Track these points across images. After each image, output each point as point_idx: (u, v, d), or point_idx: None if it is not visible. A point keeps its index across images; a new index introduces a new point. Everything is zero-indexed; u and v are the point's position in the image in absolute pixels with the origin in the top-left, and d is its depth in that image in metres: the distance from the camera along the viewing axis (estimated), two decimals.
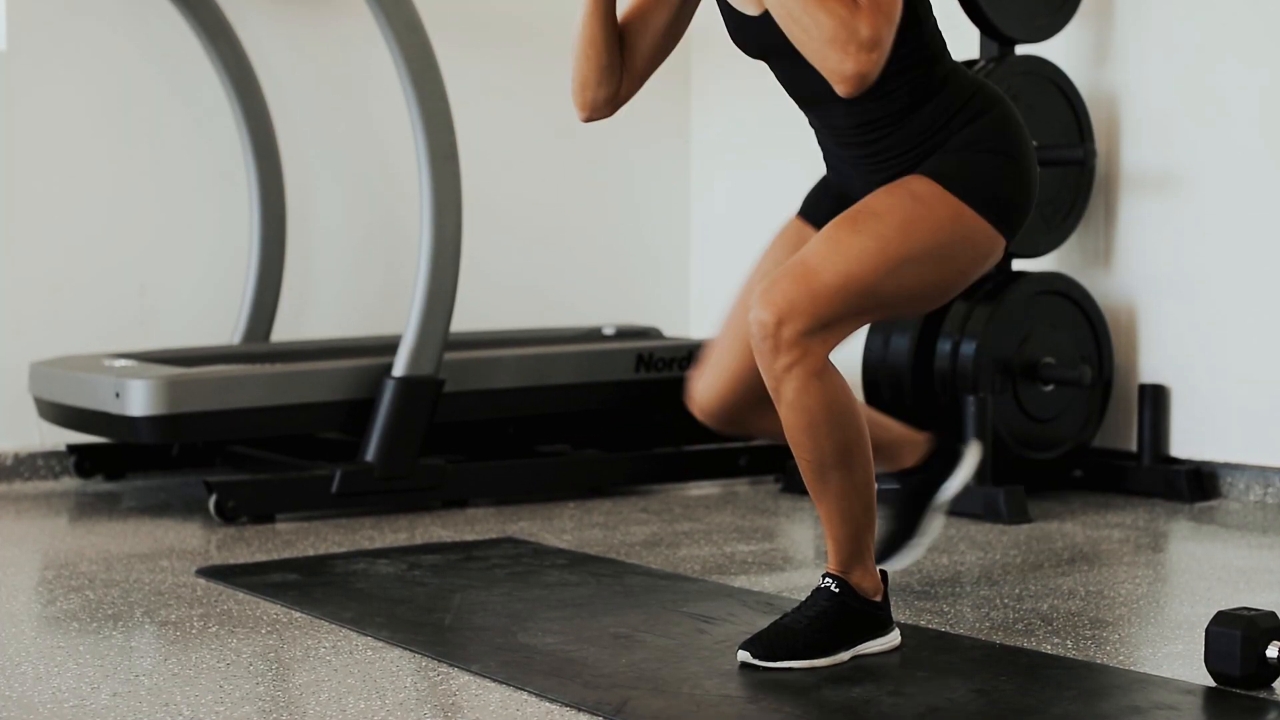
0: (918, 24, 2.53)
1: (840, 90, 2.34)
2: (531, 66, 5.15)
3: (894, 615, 2.83)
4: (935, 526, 2.96)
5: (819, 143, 2.69)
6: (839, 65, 2.32)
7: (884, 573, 2.61)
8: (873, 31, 2.31)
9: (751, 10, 2.55)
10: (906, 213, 2.47)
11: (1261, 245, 4.04)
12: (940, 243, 2.48)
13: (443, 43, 4.36)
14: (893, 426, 2.95)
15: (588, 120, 2.68)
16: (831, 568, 2.55)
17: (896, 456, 2.94)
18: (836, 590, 2.53)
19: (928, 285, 2.51)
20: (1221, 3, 4.11)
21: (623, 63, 2.63)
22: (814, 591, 2.55)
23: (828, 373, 2.42)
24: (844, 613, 2.52)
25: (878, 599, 2.57)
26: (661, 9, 2.65)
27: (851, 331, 2.47)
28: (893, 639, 2.58)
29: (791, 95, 2.63)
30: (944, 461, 2.97)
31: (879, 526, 2.71)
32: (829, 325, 2.40)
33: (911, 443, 2.96)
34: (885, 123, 2.54)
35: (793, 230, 2.73)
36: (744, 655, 2.47)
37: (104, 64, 4.57)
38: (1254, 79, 4.05)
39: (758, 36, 2.55)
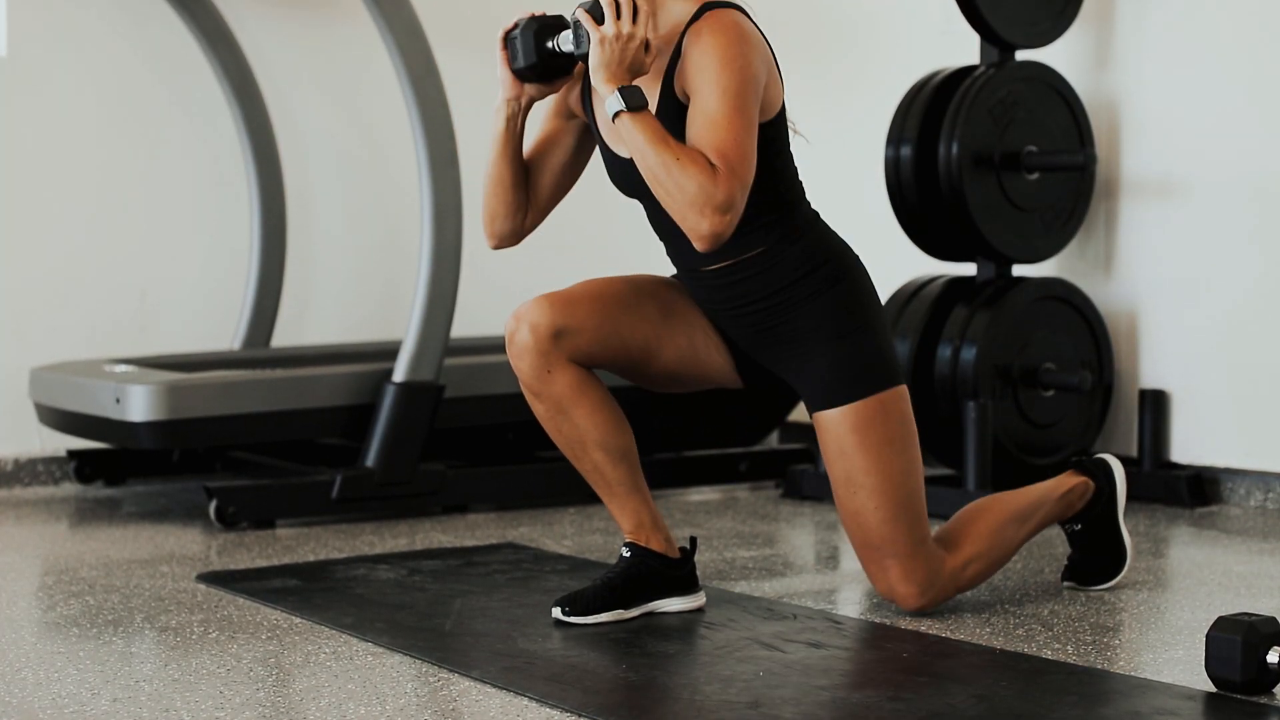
0: (773, 175, 2.70)
1: (698, 247, 2.55)
2: None
3: (896, 620, 2.83)
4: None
5: (688, 287, 2.87)
6: (696, 225, 2.53)
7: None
8: (727, 196, 2.51)
9: (625, 153, 2.73)
10: (876, 446, 2.75)
11: (1262, 250, 4.04)
12: (903, 432, 2.77)
13: (443, 48, 4.36)
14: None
15: (496, 248, 2.95)
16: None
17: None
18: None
19: (918, 457, 2.81)
20: (1221, 8, 4.12)
21: (528, 197, 2.88)
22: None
23: (936, 566, 2.82)
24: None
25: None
26: (558, 149, 2.89)
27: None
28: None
29: (656, 230, 2.83)
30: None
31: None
32: (928, 540, 2.80)
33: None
34: (742, 267, 2.75)
35: (671, 280, 2.90)
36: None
37: (105, 69, 4.58)
38: (1254, 84, 4.05)
39: (631, 178, 2.73)
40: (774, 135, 2.68)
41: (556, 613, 2.78)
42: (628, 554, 2.85)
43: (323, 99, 4.90)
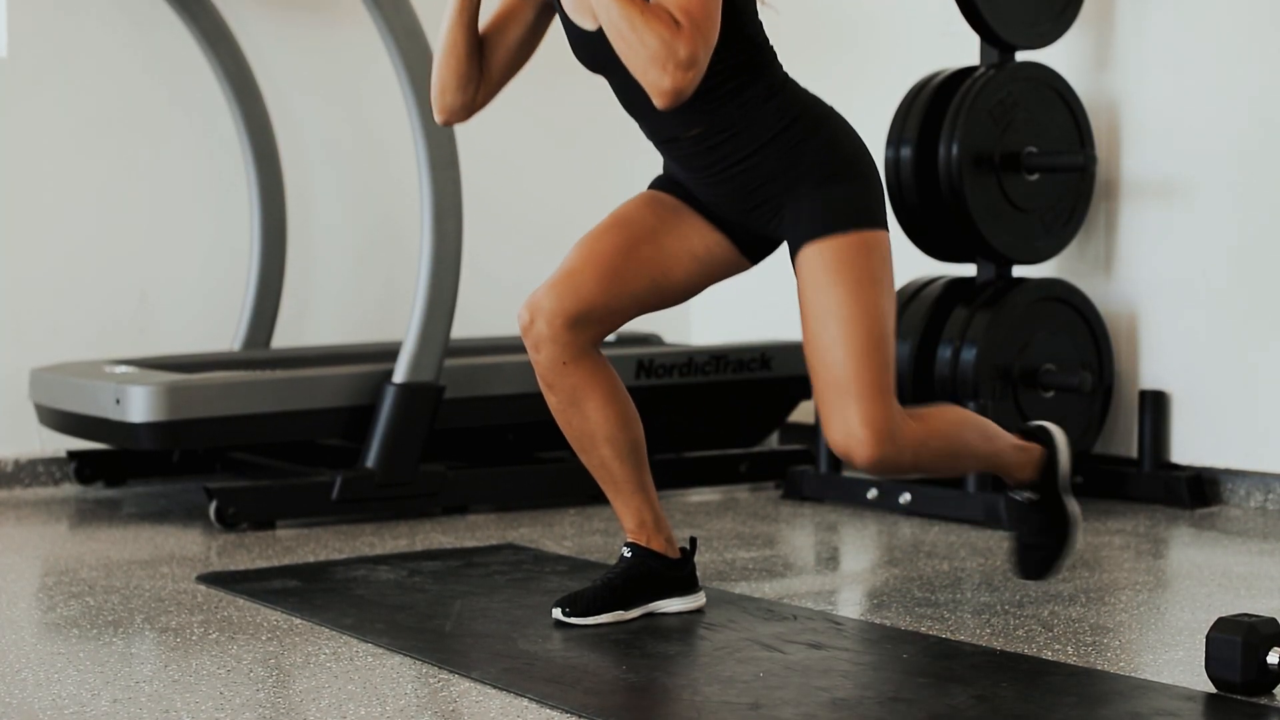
0: (741, 39, 2.68)
1: (657, 103, 2.52)
2: (531, 73, 5.13)
3: (896, 620, 2.83)
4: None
5: (665, 161, 2.86)
6: (658, 80, 2.49)
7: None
8: (689, 52, 2.48)
9: (589, 25, 2.71)
10: (867, 278, 2.68)
11: (1262, 251, 4.04)
12: (884, 274, 2.71)
13: None
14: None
15: (445, 124, 2.88)
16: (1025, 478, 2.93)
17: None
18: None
19: (892, 308, 2.73)
20: (1221, 9, 4.12)
21: (480, 71, 2.83)
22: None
23: (899, 432, 2.68)
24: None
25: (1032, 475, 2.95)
26: (515, 24, 2.85)
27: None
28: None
29: (626, 107, 2.81)
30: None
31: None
32: (895, 403, 2.67)
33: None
34: (715, 132, 2.72)
35: (647, 198, 2.87)
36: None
37: (105, 71, 4.58)
38: (1254, 85, 4.06)
39: (594, 51, 2.72)
40: (742, 4, 2.67)
41: (556, 613, 2.79)
42: (628, 554, 2.85)
43: (323, 100, 4.90)
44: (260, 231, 4.63)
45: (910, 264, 4.48)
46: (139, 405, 3.83)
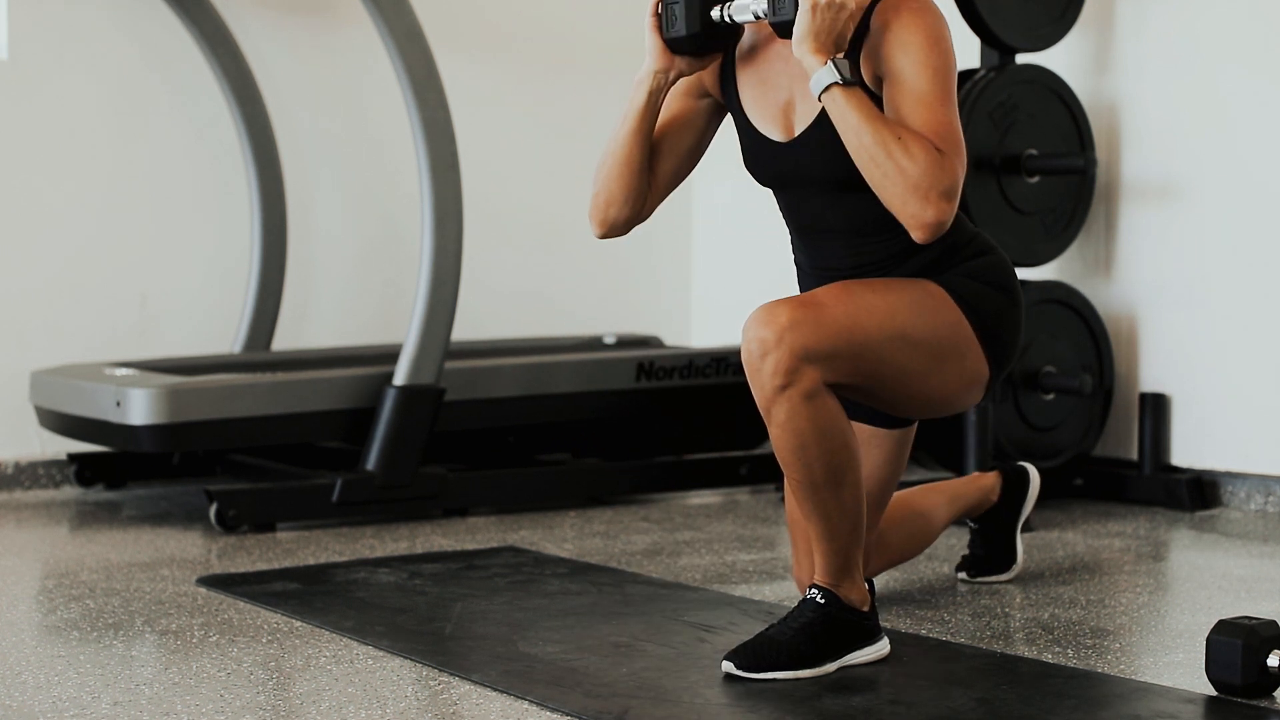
0: None
1: (917, 237, 2.35)
2: (532, 75, 5.16)
3: (896, 623, 2.83)
4: (1021, 548, 3.22)
5: (798, 264, 2.70)
6: (919, 212, 2.34)
7: (871, 583, 2.60)
8: (952, 181, 2.34)
9: (778, 136, 2.56)
10: (917, 297, 2.51)
11: (1262, 254, 4.04)
12: (940, 339, 2.51)
13: (443, 51, 4.36)
14: (966, 490, 3.08)
15: (603, 237, 2.68)
16: (819, 579, 2.53)
17: (982, 505, 3.11)
18: (822, 601, 2.51)
19: (915, 376, 2.51)
20: (1222, 11, 4.12)
21: (649, 183, 2.64)
22: (800, 602, 2.54)
23: (820, 396, 2.40)
24: (829, 624, 2.50)
25: (865, 609, 2.55)
26: (688, 130, 2.68)
27: (841, 380, 2.43)
28: (881, 648, 2.57)
29: (791, 223, 2.65)
30: (1017, 488, 3.13)
31: (976, 548, 3.05)
32: (827, 358, 2.39)
33: (987, 488, 3.11)
34: (883, 263, 2.57)
35: None
36: (728, 666, 2.46)
37: (105, 73, 4.58)
38: (1254, 87, 4.06)
39: (779, 164, 2.57)
40: None
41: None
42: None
43: (323, 102, 4.90)
44: (260, 234, 4.63)
45: None
46: (139, 408, 3.83)
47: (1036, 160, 4.13)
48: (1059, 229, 4.23)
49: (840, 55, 2.40)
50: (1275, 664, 2.34)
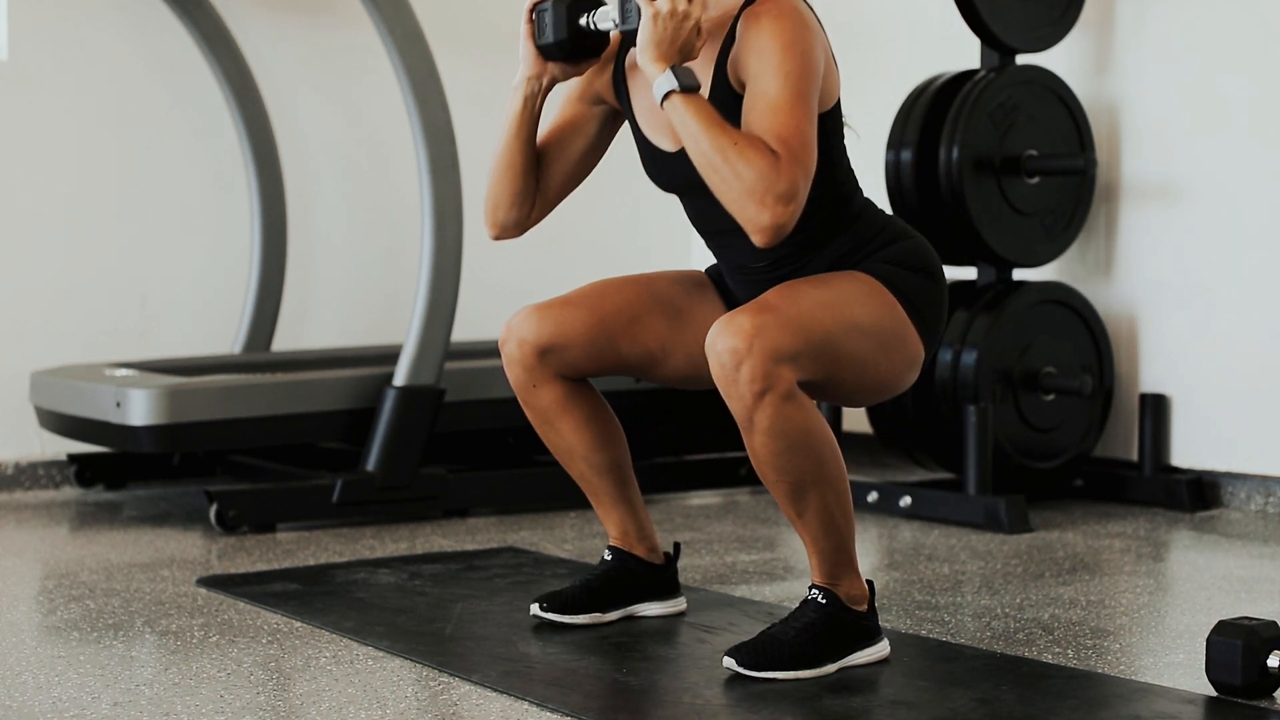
0: (830, 166, 2.56)
1: (756, 241, 2.36)
2: None
3: (896, 623, 2.83)
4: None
5: (726, 275, 2.71)
6: (756, 217, 2.35)
7: (870, 582, 2.60)
8: (790, 185, 2.33)
9: (668, 146, 2.60)
10: (856, 287, 2.53)
11: (1262, 254, 4.04)
12: (884, 326, 2.53)
13: (443, 52, 4.36)
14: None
15: (497, 239, 2.75)
16: (817, 580, 2.53)
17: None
18: (824, 601, 2.52)
19: (869, 364, 2.51)
20: (1222, 12, 4.12)
21: (536, 186, 2.70)
22: (801, 603, 2.54)
23: (797, 396, 2.40)
24: (830, 624, 2.50)
25: (864, 608, 2.55)
26: (578, 136, 2.73)
27: (808, 377, 2.42)
28: (882, 649, 2.57)
29: (699, 228, 2.68)
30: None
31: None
32: (796, 356, 2.39)
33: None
34: (793, 258, 2.60)
35: (693, 279, 2.77)
36: (730, 663, 2.46)
37: (105, 73, 4.58)
38: (1254, 88, 4.06)
39: (672, 172, 2.60)
40: (831, 127, 2.55)
41: (535, 608, 2.78)
42: (609, 557, 2.85)
43: (323, 103, 4.90)
44: (260, 234, 4.63)
45: None
46: (139, 408, 3.83)
47: (1036, 161, 4.14)
48: (1059, 229, 4.23)
49: (684, 63, 2.43)
50: (1275, 664, 2.34)
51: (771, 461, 2.42)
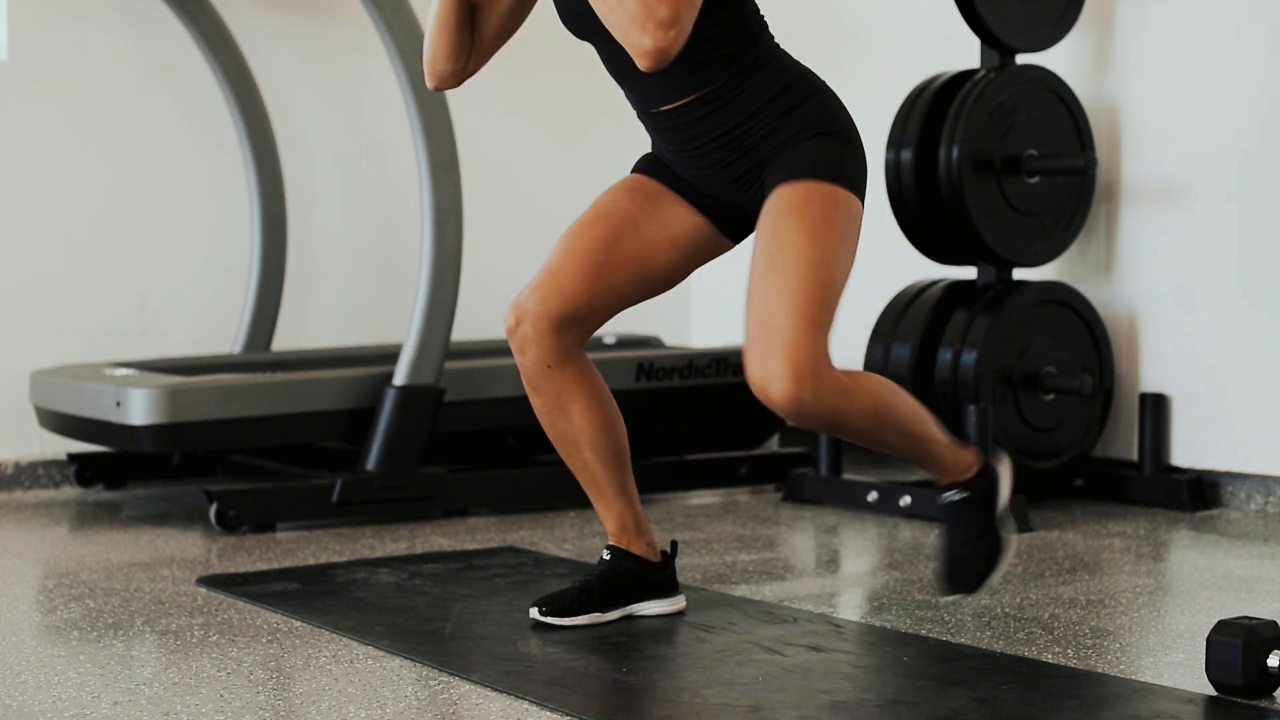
0: (732, 5, 2.65)
1: (640, 64, 2.49)
2: (532, 76, 5.16)
3: (896, 623, 2.83)
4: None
5: (651, 135, 2.83)
6: (639, 41, 2.47)
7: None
8: (671, 11, 2.46)
9: None
10: (810, 220, 2.60)
11: (1262, 255, 4.04)
12: (848, 230, 2.64)
13: None
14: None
15: (436, 89, 2.87)
16: (942, 480, 2.84)
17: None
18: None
19: (847, 266, 2.64)
20: (1222, 13, 4.12)
21: (471, 40, 2.81)
22: (943, 506, 2.85)
23: (834, 385, 2.56)
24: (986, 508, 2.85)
25: (975, 470, 2.85)
26: None
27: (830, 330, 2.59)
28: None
29: (614, 75, 2.78)
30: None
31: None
32: (826, 354, 2.54)
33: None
34: (705, 102, 2.68)
35: (627, 186, 2.85)
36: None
37: (105, 73, 4.58)
38: (1254, 88, 4.06)
39: (581, 17, 2.70)
40: None
41: (534, 613, 2.80)
42: (608, 556, 2.86)
43: (323, 103, 4.90)
44: (260, 234, 4.63)
45: (910, 267, 4.48)
46: (139, 408, 3.83)
47: (1036, 161, 4.14)
48: (1059, 229, 4.23)
49: None
50: (1275, 664, 2.34)
51: (855, 436, 2.68)
